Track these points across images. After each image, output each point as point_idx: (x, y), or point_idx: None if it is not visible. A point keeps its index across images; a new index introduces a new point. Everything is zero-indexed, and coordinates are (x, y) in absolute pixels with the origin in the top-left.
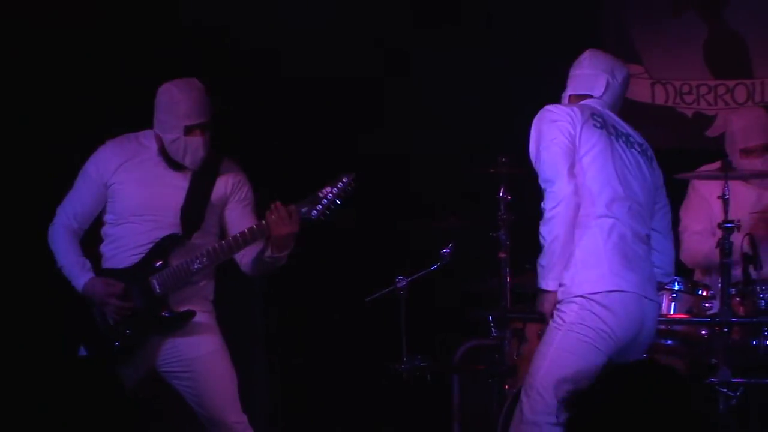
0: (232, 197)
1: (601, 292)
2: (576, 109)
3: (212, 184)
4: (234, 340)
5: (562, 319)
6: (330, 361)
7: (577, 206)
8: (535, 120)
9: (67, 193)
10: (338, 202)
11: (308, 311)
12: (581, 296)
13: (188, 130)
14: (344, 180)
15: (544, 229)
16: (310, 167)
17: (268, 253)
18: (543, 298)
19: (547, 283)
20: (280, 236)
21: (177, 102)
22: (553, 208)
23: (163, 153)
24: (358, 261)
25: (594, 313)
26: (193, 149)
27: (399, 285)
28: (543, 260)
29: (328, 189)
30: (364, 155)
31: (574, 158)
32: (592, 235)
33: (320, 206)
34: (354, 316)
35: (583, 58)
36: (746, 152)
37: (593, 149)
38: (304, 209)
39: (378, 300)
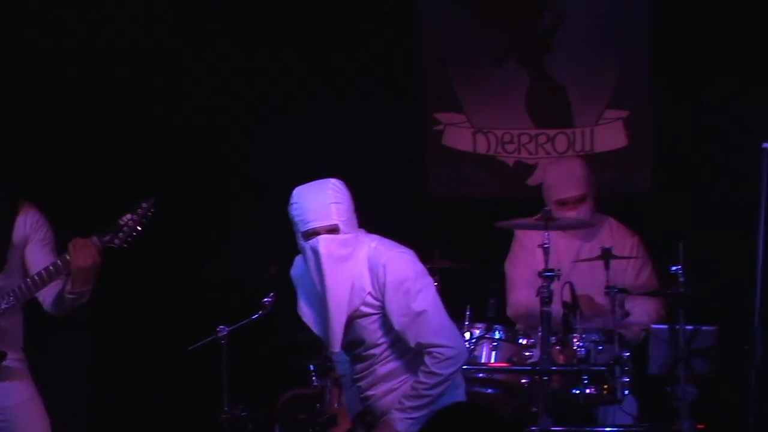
0: (32, 238)
1: None
2: None
3: (11, 226)
4: (54, 389)
5: None
6: (152, 409)
7: None
8: (395, 267)
9: None
10: (139, 229)
11: (130, 359)
12: None
13: None
14: (144, 206)
15: (436, 390)
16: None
17: (68, 288)
18: None
19: (410, 430)
20: (82, 269)
21: None
22: (452, 373)
23: None
24: (179, 310)
25: None
26: None
27: (220, 334)
28: (416, 412)
29: (129, 216)
30: (185, 199)
31: None
32: None
33: (122, 234)
34: (176, 366)
35: (340, 187)
36: (561, 203)
37: None
38: (106, 238)
39: (200, 349)
